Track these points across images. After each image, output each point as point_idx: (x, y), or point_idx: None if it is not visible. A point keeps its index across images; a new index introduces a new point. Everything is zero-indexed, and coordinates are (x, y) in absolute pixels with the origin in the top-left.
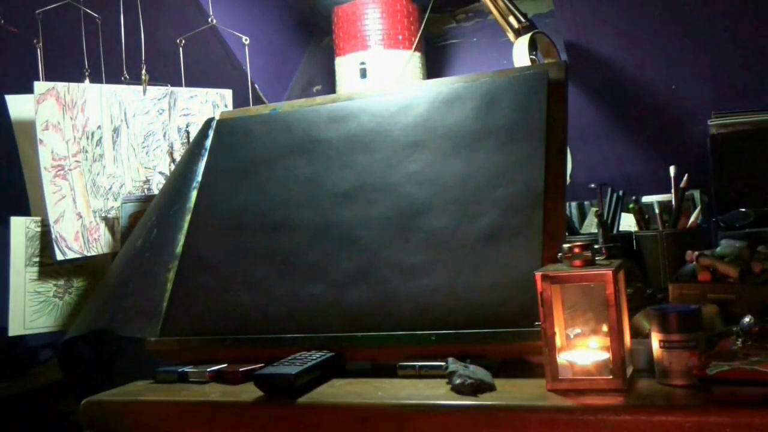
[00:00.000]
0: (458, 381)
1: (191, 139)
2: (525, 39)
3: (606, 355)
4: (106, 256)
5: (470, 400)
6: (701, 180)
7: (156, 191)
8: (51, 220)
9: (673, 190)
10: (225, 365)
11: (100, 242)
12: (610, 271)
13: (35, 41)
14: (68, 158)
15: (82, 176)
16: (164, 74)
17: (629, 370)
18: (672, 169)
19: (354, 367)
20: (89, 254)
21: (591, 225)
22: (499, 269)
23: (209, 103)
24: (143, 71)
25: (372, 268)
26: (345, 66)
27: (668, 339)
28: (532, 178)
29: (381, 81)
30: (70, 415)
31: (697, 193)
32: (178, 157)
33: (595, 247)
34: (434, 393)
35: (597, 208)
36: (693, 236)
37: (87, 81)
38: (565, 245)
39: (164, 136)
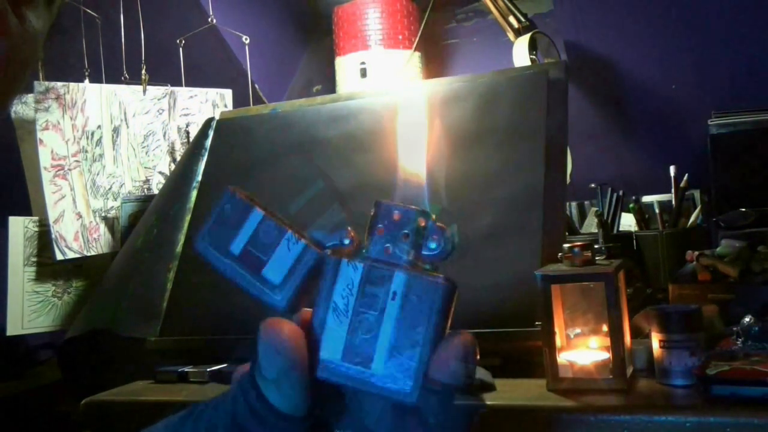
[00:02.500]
0: None
1: (191, 139)
2: (525, 39)
3: (606, 355)
4: (105, 256)
5: (470, 400)
6: (701, 180)
7: (156, 191)
8: (50, 219)
9: (673, 190)
10: (225, 365)
11: (99, 242)
12: (610, 271)
13: None
14: (68, 158)
15: (82, 176)
16: (164, 74)
17: (629, 370)
18: (672, 169)
19: None
20: (89, 254)
21: (591, 225)
22: (499, 269)
23: (209, 103)
24: (143, 71)
25: None
26: (345, 66)
27: (668, 339)
28: (532, 178)
29: (381, 81)
30: (70, 415)
31: (697, 193)
32: (178, 157)
33: (596, 247)
34: None
35: (597, 208)
36: (693, 236)
37: (87, 81)
38: (565, 245)
39: (164, 136)
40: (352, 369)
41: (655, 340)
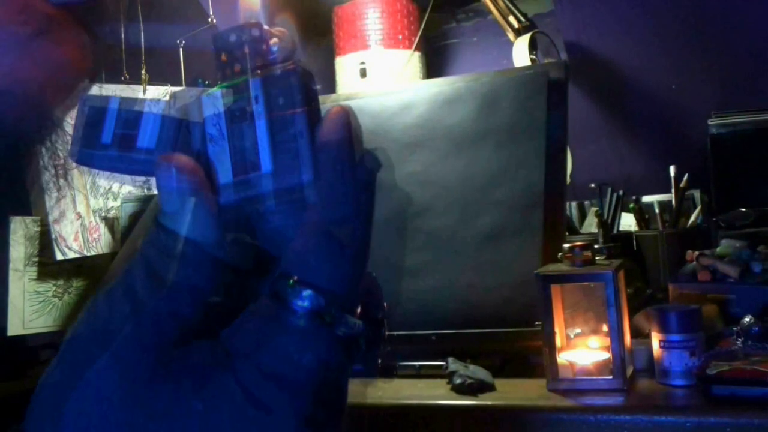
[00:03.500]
0: (458, 381)
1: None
2: (525, 39)
3: (606, 355)
4: (105, 256)
5: (470, 400)
6: (701, 180)
7: (156, 191)
8: (50, 219)
9: (673, 190)
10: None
11: (100, 242)
12: (610, 271)
13: None
14: (68, 158)
15: (82, 176)
16: (164, 74)
17: (629, 370)
18: (672, 169)
19: None
20: (89, 254)
21: (591, 225)
22: (500, 269)
23: None
24: (143, 71)
25: (372, 268)
26: (345, 66)
27: (668, 339)
28: (532, 178)
29: (381, 81)
30: None
31: (697, 193)
32: None
33: (596, 247)
34: (434, 393)
35: (597, 208)
36: (693, 236)
37: (87, 81)
38: (565, 245)
39: None
40: (246, 180)
41: (655, 340)
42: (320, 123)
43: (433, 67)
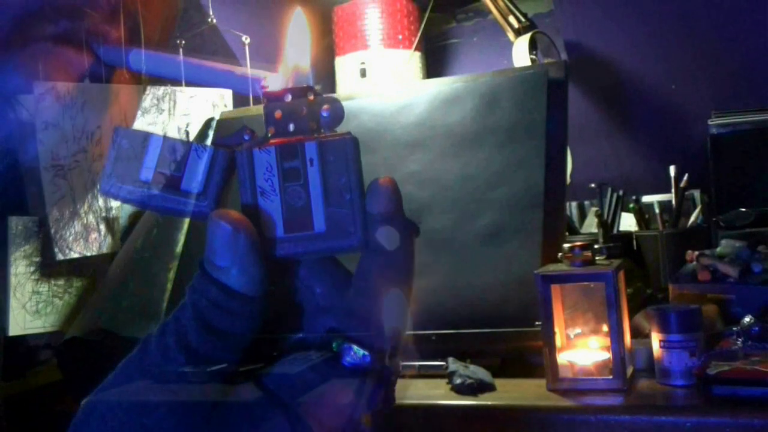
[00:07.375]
0: (458, 381)
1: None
2: (525, 38)
3: (606, 355)
4: (106, 256)
5: (470, 400)
6: (701, 180)
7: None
8: (51, 220)
9: (673, 190)
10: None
11: (99, 242)
12: (610, 271)
13: None
14: (68, 158)
15: (82, 176)
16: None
17: (629, 370)
18: (672, 169)
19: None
20: (89, 254)
21: (591, 225)
22: (499, 269)
23: (209, 103)
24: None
25: None
26: (345, 66)
27: (668, 339)
28: (532, 178)
29: (381, 81)
30: (70, 415)
31: (697, 193)
32: None
33: (596, 247)
34: (434, 393)
35: (597, 208)
36: (693, 236)
37: (87, 81)
38: (565, 245)
39: None
40: (298, 237)
41: (655, 340)
42: (371, 192)
43: (433, 67)
